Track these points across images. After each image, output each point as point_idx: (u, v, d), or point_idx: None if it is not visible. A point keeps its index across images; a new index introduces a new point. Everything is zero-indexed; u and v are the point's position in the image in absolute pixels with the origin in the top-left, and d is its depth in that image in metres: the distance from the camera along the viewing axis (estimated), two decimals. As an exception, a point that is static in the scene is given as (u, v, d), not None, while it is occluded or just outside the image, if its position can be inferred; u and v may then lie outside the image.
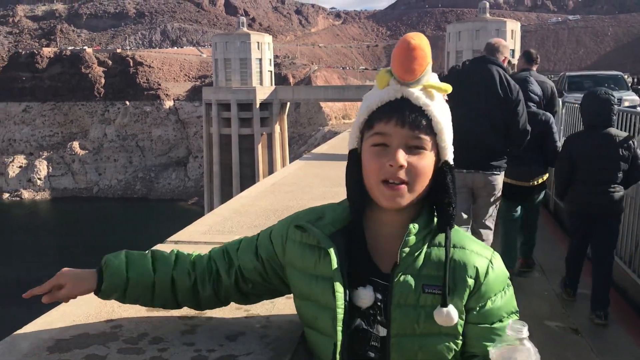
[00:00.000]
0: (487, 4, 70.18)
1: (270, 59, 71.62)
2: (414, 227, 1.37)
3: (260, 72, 68.75)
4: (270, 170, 63.65)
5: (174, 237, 2.44)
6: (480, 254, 1.42)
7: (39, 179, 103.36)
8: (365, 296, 1.39)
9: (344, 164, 4.50)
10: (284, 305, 1.72)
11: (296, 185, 3.71)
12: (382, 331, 1.39)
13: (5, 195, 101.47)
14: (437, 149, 1.37)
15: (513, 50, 63.96)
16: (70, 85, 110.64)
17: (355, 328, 1.39)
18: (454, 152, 1.42)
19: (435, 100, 1.36)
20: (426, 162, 1.34)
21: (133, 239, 65.70)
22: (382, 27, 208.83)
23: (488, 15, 67.52)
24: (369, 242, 1.46)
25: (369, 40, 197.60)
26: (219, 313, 1.64)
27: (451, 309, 1.33)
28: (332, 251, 1.40)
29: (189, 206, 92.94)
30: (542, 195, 6.16)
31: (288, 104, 72.05)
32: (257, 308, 1.69)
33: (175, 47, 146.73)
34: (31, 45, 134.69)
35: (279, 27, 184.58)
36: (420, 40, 1.31)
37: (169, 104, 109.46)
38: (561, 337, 4.60)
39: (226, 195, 59.56)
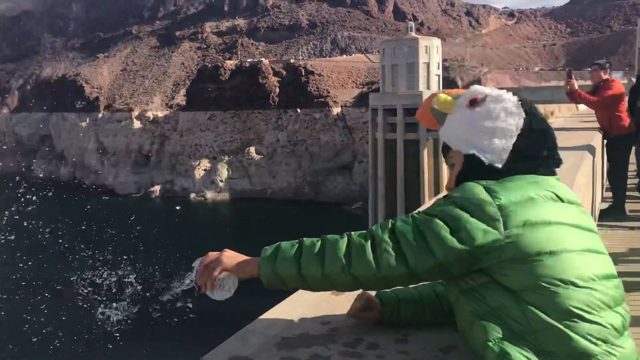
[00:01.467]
0: (690, -8, 61.73)
1: (438, 63, 70.41)
2: None
3: (428, 76, 67.89)
4: (437, 176, 62.38)
5: None
6: None
7: (221, 181, 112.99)
8: None
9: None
10: None
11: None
12: None
13: (192, 195, 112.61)
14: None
15: None
16: (248, 94, 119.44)
17: None
18: None
19: (445, 125, 2.07)
20: (453, 172, 2.03)
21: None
22: (561, 25, 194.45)
23: (691, 4, 59.35)
24: None
25: (546, 39, 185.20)
26: (427, 327, 1.73)
27: None
28: None
29: (354, 210, 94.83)
30: None
31: (456, 108, 70.16)
32: None
33: (344, 55, 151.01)
34: (216, 59, 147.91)
35: (448, 30, 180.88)
36: (419, 115, 2.30)
37: (336, 110, 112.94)
38: None
39: (390, 201, 59.70)
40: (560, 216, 1.74)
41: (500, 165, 1.86)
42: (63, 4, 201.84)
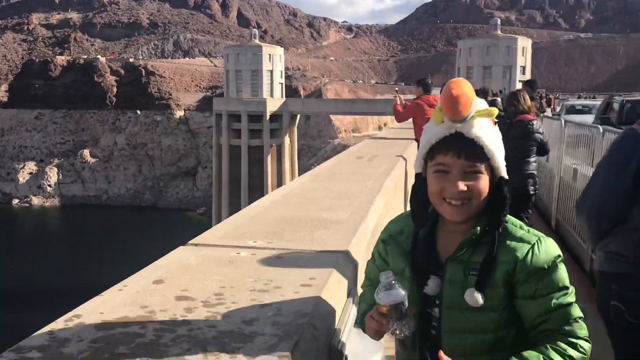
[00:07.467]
0: (499, 21, 70.43)
1: (281, 71, 72.20)
2: (478, 230, 1.71)
3: (271, 84, 69.30)
4: (279, 181, 63.91)
5: (194, 241, 2.66)
6: (522, 241, 1.69)
7: (49, 185, 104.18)
8: (432, 287, 1.76)
9: (349, 178, 4.67)
10: (292, 297, 1.96)
11: (304, 197, 3.90)
12: (437, 312, 1.76)
13: (15, 201, 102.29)
14: (492, 169, 1.70)
15: (524, 67, 64.07)
16: (82, 93, 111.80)
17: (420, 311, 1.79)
18: None
19: (484, 129, 1.67)
20: (482, 183, 1.68)
21: (141, 246, 66.09)
22: (393, 42, 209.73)
23: (499, 32, 67.76)
24: (439, 245, 1.80)
25: (380, 54, 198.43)
26: (236, 304, 1.90)
27: (477, 294, 1.65)
28: (409, 270, 1.80)
29: (197, 216, 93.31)
30: None
31: (298, 116, 72.45)
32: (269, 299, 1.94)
33: (187, 58, 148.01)
34: (45, 53, 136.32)
35: (291, 40, 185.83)
36: (460, 88, 1.62)
37: (179, 113, 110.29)
38: None
39: (234, 206, 59.88)
40: None
41: None
42: None
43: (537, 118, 7.10)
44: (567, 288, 1.68)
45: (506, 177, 1.72)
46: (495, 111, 1.69)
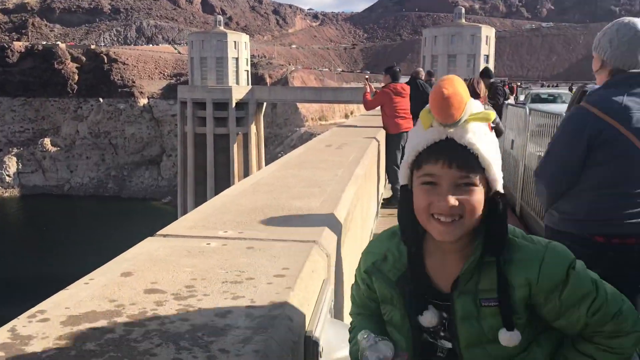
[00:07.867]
0: (463, 10, 71.15)
1: (247, 59, 71.47)
2: (477, 256, 1.48)
3: (237, 71, 68.58)
4: (246, 170, 63.53)
5: (162, 231, 2.59)
6: (529, 256, 1.48)
7: (8, 175, 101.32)
8: (428, 319, 1.54)
9: (319, 166, 4.62)
10: (265, 288, 1.91)
11: (274, 185, 3.84)
12: (447, 344, 1.55)
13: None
14: (487, 181, 1.45)
15: (487, 56, 64.93)
16: (42, 80, 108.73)
17: (422, 342, 1.58)
18: None
19: (479, 135, 1.42)
20: (476, 197, 1.42)
21: (105, 237, 64.94)
22: (359, 30, 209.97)
23: (464, 20, 68.42)
24: (429, 267, 1.57)
25: (346, 42, 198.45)
26: (208, 297, 1.84)
27: (514, 334, 1.45)
28: (399, 300, 1.59)
29: (162, 205, 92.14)
30: None
31: (264, 104, 71.93)
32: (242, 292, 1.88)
33: (151, 45, 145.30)
34: (1, 39, 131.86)
35: (256, 27, 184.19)
36: (453, 88, 1.37)
37: (143, 101, 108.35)
38: None
39: (200, 195, 59.32)
40: None
41: None
42: None
43: (486, 103, 7.24)
44: (592, 291, 1.48)
45: (502, 191, 1.48)
46: (493, 115, 1.47)
